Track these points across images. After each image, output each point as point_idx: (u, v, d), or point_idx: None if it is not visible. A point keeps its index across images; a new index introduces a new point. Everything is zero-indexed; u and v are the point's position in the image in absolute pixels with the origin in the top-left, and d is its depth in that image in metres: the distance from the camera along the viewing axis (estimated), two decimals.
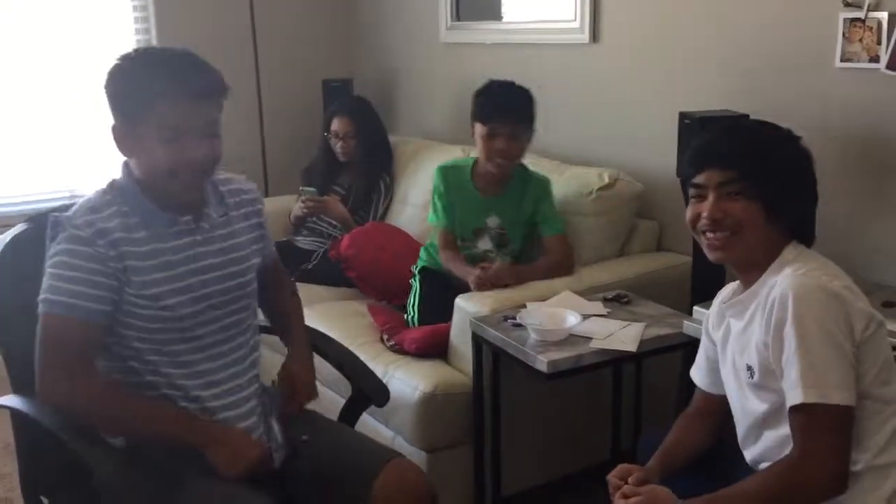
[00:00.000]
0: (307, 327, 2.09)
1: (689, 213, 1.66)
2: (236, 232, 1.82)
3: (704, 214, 1.62)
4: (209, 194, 1.78)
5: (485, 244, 2.78)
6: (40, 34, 3.68)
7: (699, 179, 1.63)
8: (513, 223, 2.76)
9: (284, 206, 3.78)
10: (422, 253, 2.95)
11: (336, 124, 3.58)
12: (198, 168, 1.67)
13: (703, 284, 2.49)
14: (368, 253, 3.11)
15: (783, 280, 1.53)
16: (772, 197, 1.58)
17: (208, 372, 1.75)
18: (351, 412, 2.04)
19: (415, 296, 2.85)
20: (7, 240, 1.88)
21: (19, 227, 1.91)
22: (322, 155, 3.70)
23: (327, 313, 2.91)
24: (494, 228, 2.77)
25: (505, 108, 2.66)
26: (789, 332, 1.48)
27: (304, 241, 3.57)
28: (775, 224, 1.59)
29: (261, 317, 2.06)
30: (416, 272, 2.90)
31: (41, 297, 1.63)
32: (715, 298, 1.76)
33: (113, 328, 1.68)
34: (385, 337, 2.72)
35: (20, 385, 1.82)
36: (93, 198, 1.71)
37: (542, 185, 2.76)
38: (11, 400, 1.75)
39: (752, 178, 1.58)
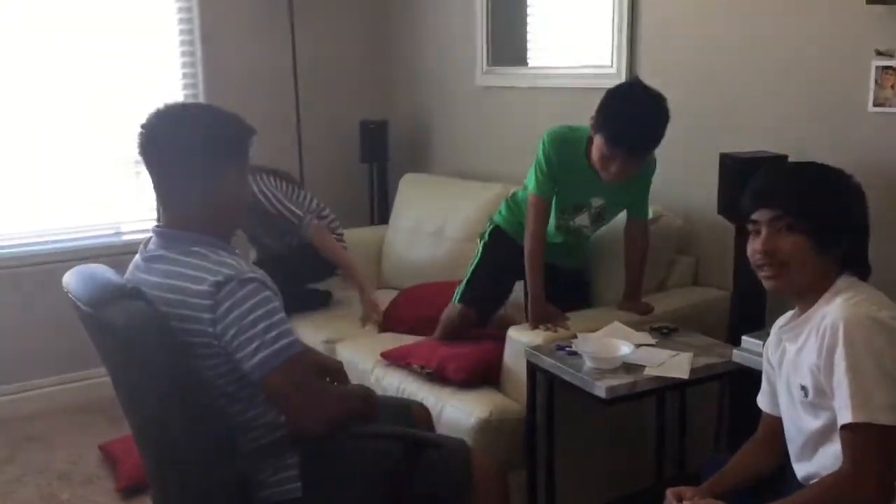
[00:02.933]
0: None
1: (748, 248, 1.79)
2: None
3: (758, 249, 1.75)
4: None
5: (582, 220, 2.76)
6: (88, 73, 3.83)
7: (754, 216, 1.77)
8: (616, 203, 2.73)
9: None
10: (501, 207, 2.91)
11: None
12: None
13: (743, 319, 2.61)
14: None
15: (835, 309, 1.66)
16: (821, 231, 1.71)
17: None
18: None
19: (472, 263, 2.88)
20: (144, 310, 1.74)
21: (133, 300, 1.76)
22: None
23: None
24: (596, 207, 2.74)
25: (632, 141, 2.47)
26: (839, 357, 1.61)
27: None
28: (826, 257, 1.72)
29: None
30: (488, 233, 2.89)
31: (273, 347, 1.72)
32: (774, 325, 1.88)
33: None
34: (419, 366, 2.73)
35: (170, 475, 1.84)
36: (209, 255, 1.78)
37: (651, 168, 2.69)
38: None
39: (800, 213, 1.71)
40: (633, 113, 2.46)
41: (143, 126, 1.81)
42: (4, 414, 3.65)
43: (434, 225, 3.72)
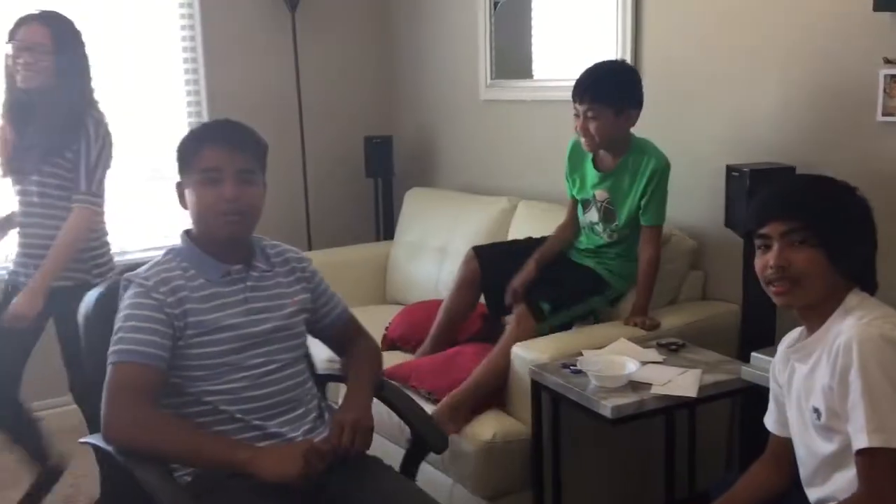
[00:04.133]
0: (384, 380, 2.21)
1: (757, 263, 1.74)
2: (280, 284, 2.04)
3: (770, 263, 1.69)
4: (257, 252, 2.04)
5: (592, 216, 2.82)
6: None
7: (764, 230, 1.71)
8: (620, 200, 2.73)
9: (327, 258, 3.88)
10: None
11: (24, 32, 2.57)
12: (237, 208, 1.91)
13: (754, 332, 2.56)
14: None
15: (848, 328, 1.61)
16: (834, 244, 1.66)
17: (263, 402, 1.93)
18: (411, 461, 2.12)
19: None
20: (94, 297, 2.08)
21: (103, 286, 2.11)
22: (8, 92, 2.67)
23: None
24: (602, 202, 2.78)
25: (583, 86, 2.65)
26: (854, 378, 1.56)
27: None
28: (838, 271, 1.67)
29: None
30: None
31: (110, 349, 1.86)
32: (780, 344, 1.83)
33: (179, 370, 1.88)
34: (426, 391, 2.67)
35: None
36: (157, 258, 1.99)
37: (657, 169, 2.65)
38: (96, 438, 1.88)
39: (814, 226, 1.66)
40: (590, 68, 2.71)
41: None
42: None
43: (439, 240, 3.68)
